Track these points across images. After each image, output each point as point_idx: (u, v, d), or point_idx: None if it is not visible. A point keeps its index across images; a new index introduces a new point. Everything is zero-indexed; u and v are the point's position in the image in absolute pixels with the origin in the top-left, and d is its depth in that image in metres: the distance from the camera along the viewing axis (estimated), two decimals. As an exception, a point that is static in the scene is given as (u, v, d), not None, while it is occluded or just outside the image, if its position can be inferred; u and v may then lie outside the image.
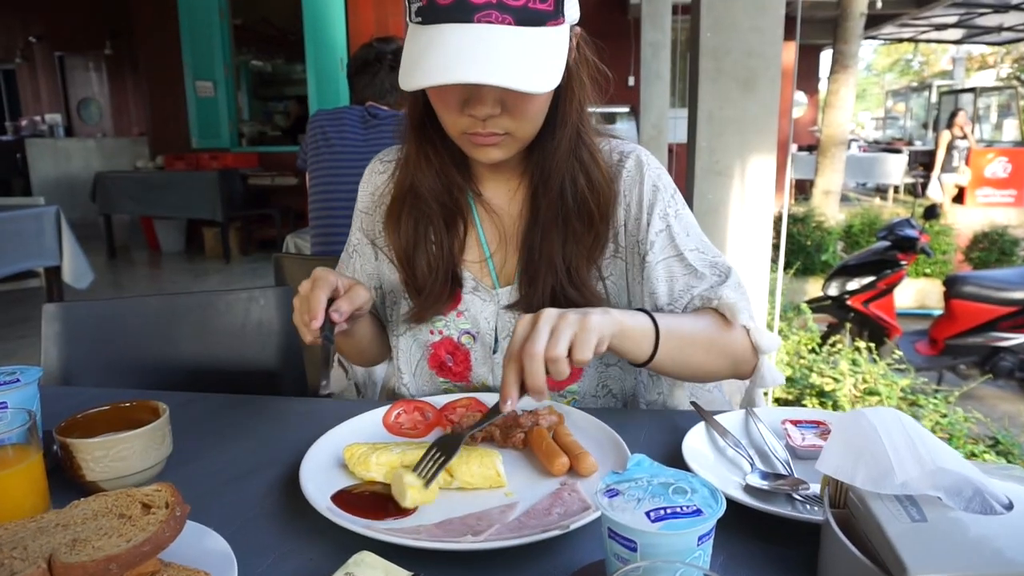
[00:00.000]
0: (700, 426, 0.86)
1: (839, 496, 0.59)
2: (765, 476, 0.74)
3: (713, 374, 0.97)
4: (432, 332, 1.07)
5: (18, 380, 0.79)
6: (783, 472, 0.76)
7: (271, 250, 3.40)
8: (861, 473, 0.55)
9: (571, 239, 0.98)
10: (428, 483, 0.71)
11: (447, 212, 1.03)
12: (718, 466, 0.79)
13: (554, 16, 0.82)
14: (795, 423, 0.86)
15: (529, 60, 0.79)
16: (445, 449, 0.74)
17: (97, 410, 0.80)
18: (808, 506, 0.69)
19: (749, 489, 0.73)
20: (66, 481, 0.76)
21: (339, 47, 7.41)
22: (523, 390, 0.74)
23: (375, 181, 1.13)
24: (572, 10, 0.87)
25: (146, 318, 1.52)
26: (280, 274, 2.28)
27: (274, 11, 8.96)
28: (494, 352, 1.05)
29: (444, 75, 0.77)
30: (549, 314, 0.75)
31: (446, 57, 0.77)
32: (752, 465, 0.77)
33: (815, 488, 0.72)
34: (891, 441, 0.55)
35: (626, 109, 8.14)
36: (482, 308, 1.05)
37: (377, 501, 0.71)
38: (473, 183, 1.06)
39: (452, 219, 1.04)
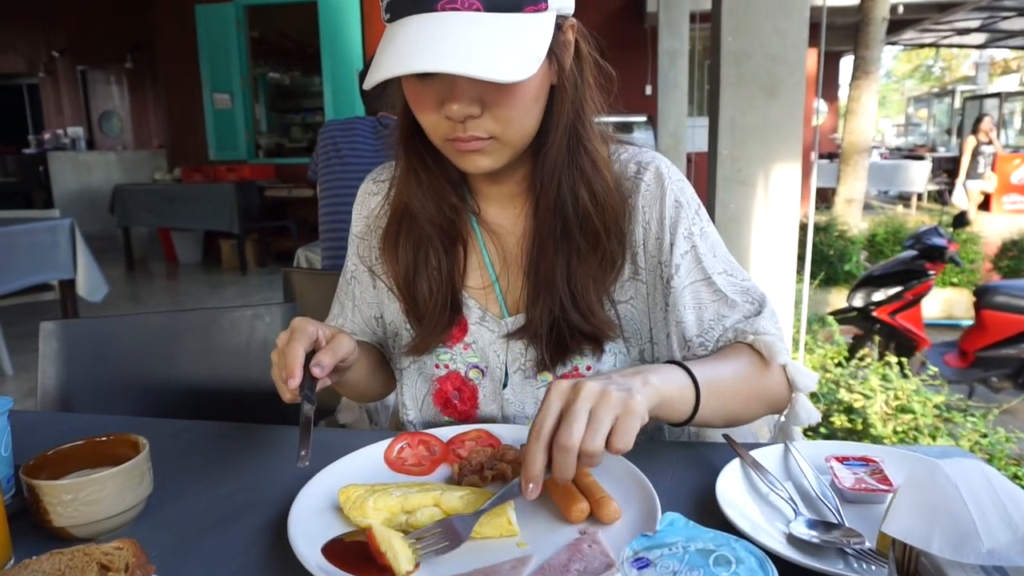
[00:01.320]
0: (735, 463, 0.77)
1: (907, 560, 0.50)
2: (812, 524, 0.65)
3: (747, 421, 0.88)
4: (438, 366, 0.99)
5: (-15, 413, 0.72)
6: (833, 520, 0.67)
7: (288, 262, 3.36)
8: (938, 537, 0.46)
9: (574, 258, 0.89)
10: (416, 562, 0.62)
11: (444, 235, 0.94)
12: (757, 512, 0.70)
13: (533, 1, 0.74)
14: (841, 460, 0.77)
15: (499, 48, 0.71)
16: (451, 535, 0.65)
17: (70, 445, 0.74)
18: (865, 564, 0.60)
19: (793, 540, 0.64)
20: (37, 526, 0.69)
21: (356, 59, 7.41)
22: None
23: (369, 203, 1.05)
24: None
25: (147, 336, 1.47)
26: (289, 289, 2.22)
27: (291, 23, 8.98)
28: (504, 387, 0.96)
29: (396, 67, 0.70)
30: (588, 392, 0.63)
31: (401, 49, 0.71)
32: (795, 511, 0.68)
33: (870, 540, 0.63)
34: (975, 499, 0.46)
35: (643, 118, 8.05)
36: (491, 340, 0.96)
37: (373, 552, 0.64)
38: (474, 202, 0.97)
39: (451, 242, 0.95)
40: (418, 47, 0.70)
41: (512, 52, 0.72)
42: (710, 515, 0.69)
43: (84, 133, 10.69)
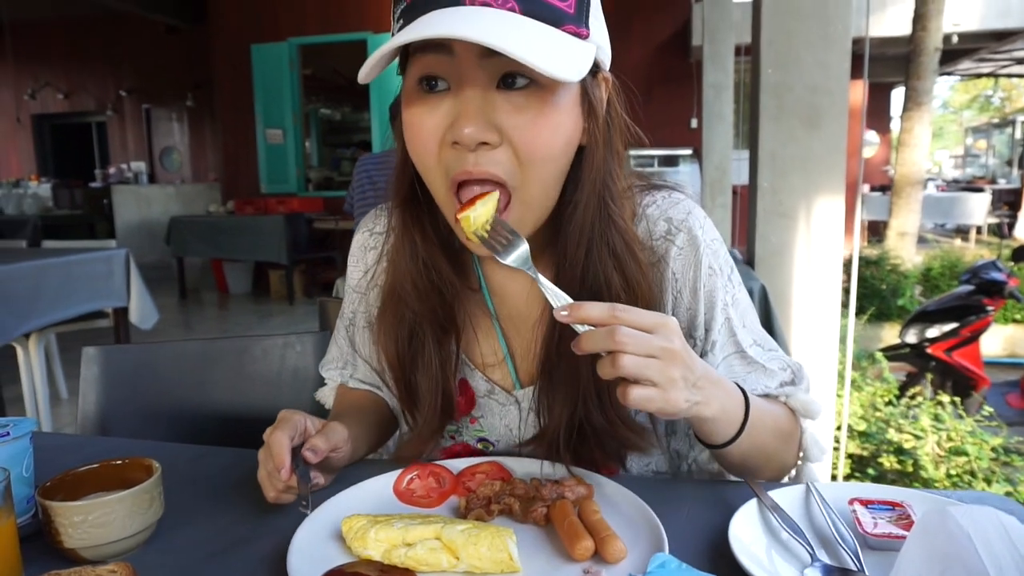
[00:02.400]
0: (751, 504, 0.74)
1: (920, 613, 0.47)
2: (828, 571, 0.62)
3: (759, 474, 0.84)
4: (443, 436, 0.93)
5: (8, 434, 0.74)
6: (851, 567, 0.63)
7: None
8: (949, 590, 0.43)
9: None
10: None
11: (437, 323, 0.85)
12: (771, 556, 0.67)
13: (575, 21, 0.67)
14: (865, 504, 0.73)
15: (539, 43, 0.62)
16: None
17: (86, 468, 0.75)
18: (882, 615, 0.57)
19: (808, 587, 0.61)
20: (49, 548, 0.71)
21: (403, 95, 7.59)
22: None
23: (367, 259, 0.97)
24: (599, 34, 0.72)
25: (182, 363, 1.50)
26: (325, 318, 2.25)
27: (342, 61, 9.29)
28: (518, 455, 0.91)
29: (411, 34, 0.61)
30: (677, 352, 0.62)
31: (420, 27, 0.62)
32: (812, 556, 0.64)
33: (890, 590, 0.59)
34: (988, 550, 0.43)
35: (689, 151, 8.03)
36: (502, 414, 0.90)
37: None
38: (482, 267, 0.89)
39: (443, 331, 0.86)
40: (442, 23, 0.62)
41: (553, 53, 0.63)
42: (722, 557, 0.66)
43: (146, 167, 11.18)
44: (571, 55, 0.65)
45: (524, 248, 0.70)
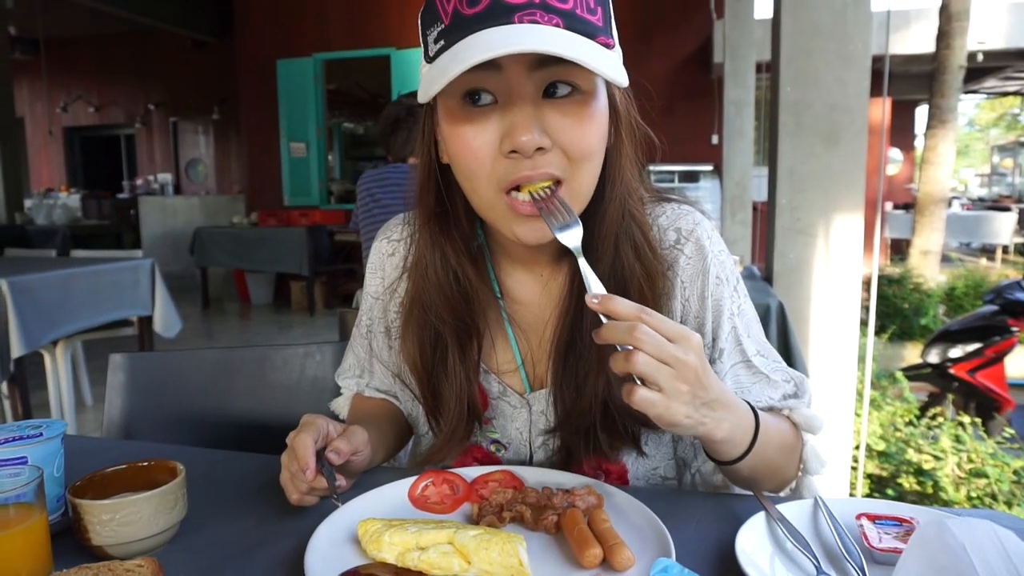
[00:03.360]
0: (759, 516, 0.75)
1: (919, 623, 0.48)
2: (833, 584, 0.63)
3: (761, 486, 0.85)
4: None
5: (41, 435, 0.77)
6: (855, 580, 0.64)
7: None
8: (945, 600, 0.44)
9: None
10: None
11: (463, 327, 0.88)
12: (777, 568, 0.68)
13: (604, 32, 0.71)
14: (873, 519, 0.74)
15: (587, 50, 0.67)
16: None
17: (114, 469, 0.78)
18: (884, 627, 0.57)
19: (813, 598, 0.62)
20: (79, 545, 0.73)
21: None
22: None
23: (385, 266, 1.00)
24: (618, 44, 0.77)
25: (205, 371, 1.53)
26: (344, 329, 2.29)
27: (365, 76, 9.42)
28: (530, 462, 0.93)
29: (486, 52, 0.64)
30: (692, 364, 0.64)
31: (485, 46, 0.65)
32: (818, 569, 0.65)
33: (894, 603, 0.60)
34: (984, 562, 0.44)
35: (709, 167, 8.03)
36: (513, 416, 0.92)
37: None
38: (497, 275, 0.92)
39: (473, 332, 0.88)
40: (505, 41, 0.65)
41: (603, 62, 0.68)
42: (729, 569, 0.67)
43: (172, 179, 11.39)
44: (613, 63, 0.71)
45: (579, 229, 0.74)
